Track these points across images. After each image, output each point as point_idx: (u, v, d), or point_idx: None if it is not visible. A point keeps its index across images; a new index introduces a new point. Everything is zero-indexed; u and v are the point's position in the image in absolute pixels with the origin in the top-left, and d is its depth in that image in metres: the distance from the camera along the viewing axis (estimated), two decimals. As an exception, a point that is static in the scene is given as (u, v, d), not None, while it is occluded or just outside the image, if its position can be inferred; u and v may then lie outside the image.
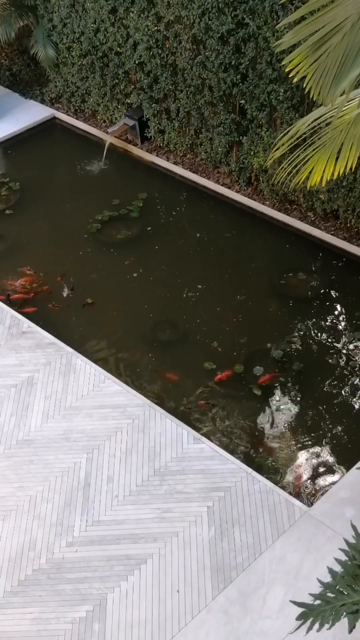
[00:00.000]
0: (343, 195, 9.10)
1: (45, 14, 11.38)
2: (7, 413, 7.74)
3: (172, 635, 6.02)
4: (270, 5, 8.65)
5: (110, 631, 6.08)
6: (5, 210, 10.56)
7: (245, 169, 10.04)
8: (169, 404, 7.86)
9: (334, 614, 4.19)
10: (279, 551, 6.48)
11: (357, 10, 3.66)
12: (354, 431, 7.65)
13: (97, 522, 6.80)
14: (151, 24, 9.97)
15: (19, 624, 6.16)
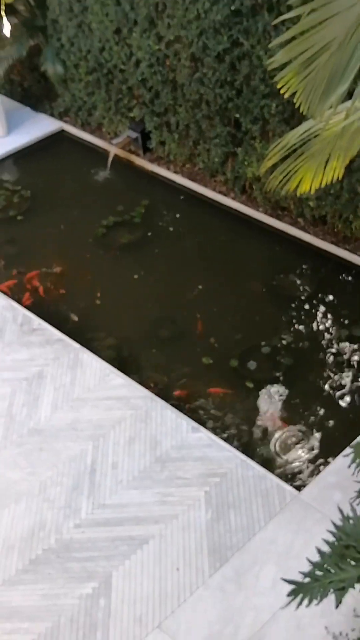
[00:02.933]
0: (330, 202, 9.11)
1: (54, 34, 11.38)
2: (19, 404, 7.74)
3: (172, 609, 6.04)
4: (263, 26, 8.66)
5: (115, 606, 6.10)
6: (17, 216, 10.57)
7: (240, 177, 10.04)
8: (170, 393, 7.85)
9: (322, 590, 4.20)
10: (271, 532, 6.49)
11: (344, 31, 3.66)
12: (340, 421, 7.66)
13: (103, 505, 6.81)
14: (153, 43, 9.97)
15: (30, 599, 6.18)
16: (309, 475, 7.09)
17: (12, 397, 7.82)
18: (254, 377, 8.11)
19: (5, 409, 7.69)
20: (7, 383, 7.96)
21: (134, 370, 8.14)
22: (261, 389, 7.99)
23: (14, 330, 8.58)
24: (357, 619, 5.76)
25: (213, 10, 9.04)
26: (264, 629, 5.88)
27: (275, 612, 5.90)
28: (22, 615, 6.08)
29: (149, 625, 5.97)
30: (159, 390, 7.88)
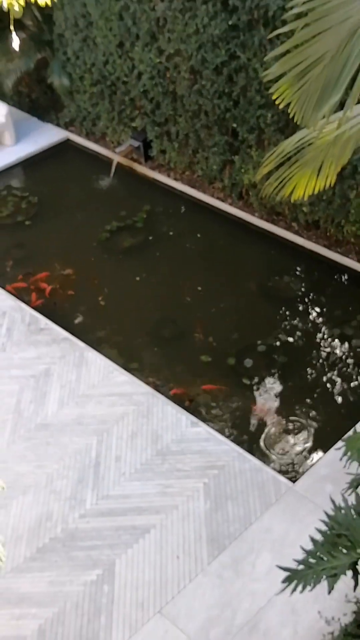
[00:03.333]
0: (323, 207, 9.11)
1: (60, 48, 11.38)
2: (27, 400, 7.75)
3: (172, 595, 6.04)
4: (259, 40, 8.66)
5: (118, 592, 6.11)
6: (25, 221, 10.57)
7: (237, 184, 10.05)
8: (171, 390, 7.86)
9: (315, 577, 4.20)
10: (267, 522, 6.50)
11: (336, 45, 3.66)
12: (332, 416, 7.67)
13: (107, 496, 6.82)
14: (154, 57, 9.98)
15: (38, 586, 6.19)
16: (303, 468, 7.10)
17: (20, 394, 7.82)
18: (250, 374, 8.11)
19: (13, 405, 7.70)
20: (15, 380, 7.96)
21: (137, 367, 8.14)
22: (257, 386, 8.00)
23: (22, 330, 8.59)
24: (348, 604, 5.77)
25: (211, 25, 9.04)
26: (260, 614, 5.89)
27: (270, 597, 5.91)
28: (30, 601, 6.09)
29: (151, 610, 5.97)
30: (160, 387, 7.88)
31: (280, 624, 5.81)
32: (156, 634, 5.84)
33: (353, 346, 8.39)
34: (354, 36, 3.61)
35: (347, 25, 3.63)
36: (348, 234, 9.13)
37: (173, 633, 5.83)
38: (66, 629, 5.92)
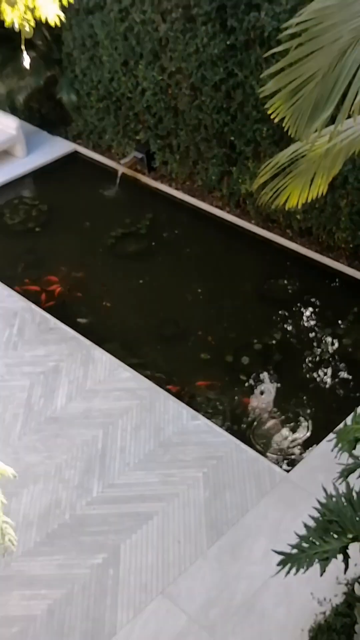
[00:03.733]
0: (316, 215, 9.12)
1: (68, 66, 11.40)
2: (38, 395, 7.75)
3: (174, 578, 6.05)
4: (256, 58, 8.68)
5: (123, 574, 6.11)
6: (35, 228, 10.58)
7: (234, 193, 10.05)
8: (172, 385, 7.86)
9: (308, 560, 4.21)
10: (263, 509, 6.50)
11: (327, 63, 3.67)
12: (324, 410, 7.67)
13: (112, 485, 6.82)
14: (156, 74, 9.99)
15: (48, 569, 6.20)
16: (297, 458, 7.10)
17: (31, 389, 7.83)
18: (247, 371, 8.12)
19: (24, 400, 7.71)
20: (26, 377, 7.97)
21: (140, 364, 8.14)
22: (253, 382, 8.01)
23: (32, 329, 8.59)
24: (339, 585, 5.77)
25: (210, 45, 9.05)
26: (256, 595, 5.89)
27: (266, 580, 5.91)
28: (40, 583, 6.10)
29: (153, 592, 5.98)
30: (162, 383, 7.89)
31: (275, 605, 5.82)
32: (159, 614, 5.84)
33: (343, 345, 8.40)
34: (344, 55, 3.62)
35: (337, 45, 3.65)
36: (339, 240, 9.14)
37: (174, 613, 5.84)
38: (74, 609, 5.93)
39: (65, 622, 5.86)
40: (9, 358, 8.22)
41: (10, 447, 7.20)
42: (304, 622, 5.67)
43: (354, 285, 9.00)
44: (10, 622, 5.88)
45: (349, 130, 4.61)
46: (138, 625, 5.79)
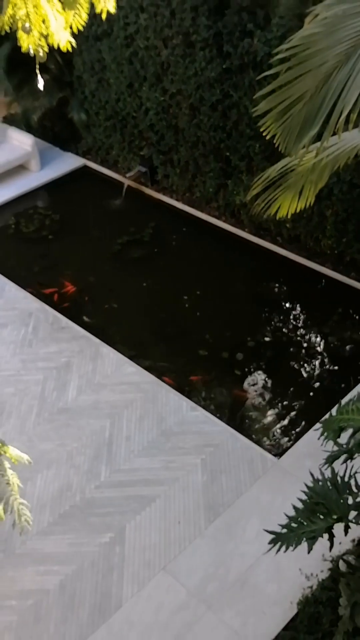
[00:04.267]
0: (303, 224, 9.12)
1: (79, 88, 11.39)
2: (50, 388, 7.75)
3: (174, 555, 6.05)
4: (249, 81, 8.67)
5: (128, 552, 6.12)
6: (49, 236, 10.58)
7: (230, 204, 10.05)
8: (173, 379, 7.86)
9: (297, 539, 4.21)
10: (255, 492, 6.50)
11: (314, 85, 3.67)
12: (311, 401, 7.67)
13: (118, 470, 6.82)
14: (159, 95, 9.98)
15: (59, 547, 6.20)
16: (286, 446, 7.10)
17: (44, 382, 7.83)
18: (242, 366, 8.11)
19: (39, 392, 7.71)
20: (40, 371, 7.97)
21: (144, 360, 8.14)
22: (247, 376, 8.00)
23: (46, 328, 8.60)
24: (325, 562, 5.78)
25: (208, 69, 9.05)
26: (250, 571, 5.89)
27: (258, 557, 5.91)
28: (53, 560, 6.10)
29: (156, 568, 5.98)
30: (165, 376, 7.88)
31: (266, 580, 5.82)
32: (160, 588, 5.85)
33: (329, 342, 8.39)
34: (330, 78, 3.62)
35: (323, 69, 3.64)
36: (325, 247, 9.14)
37: (175, 587, 5.84)
38: (83, 584, 5.93)
39: (75, 595, 5.86)
40: (24, 354, 8.22)
41: (26, 436, 7.20)
42: (293, 596, 5.67)
43: (338, 287, 9.00)
44: (26, 596, 5.89)
45: (334, 146, 4.61)
46: (142, 599, 5.79)
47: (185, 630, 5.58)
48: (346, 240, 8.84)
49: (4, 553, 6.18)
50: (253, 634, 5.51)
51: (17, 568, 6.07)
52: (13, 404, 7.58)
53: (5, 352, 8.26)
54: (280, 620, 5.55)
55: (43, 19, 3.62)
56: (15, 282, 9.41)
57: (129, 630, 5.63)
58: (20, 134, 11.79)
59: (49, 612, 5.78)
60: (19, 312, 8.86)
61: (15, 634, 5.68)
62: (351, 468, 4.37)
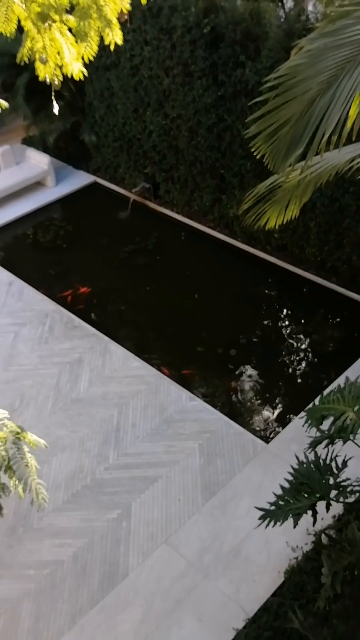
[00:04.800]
0: (290, 234, 9.11)
1: (89, 112, 11.38)
2: (64, 380, 7.75)
3: (175, 529, 6.05)
4: (241, 106, 8.67)
5: (133, 527, 6.12)
6: (63, 245, 10.57)
7: (224, 216, 10.05)
8: (174, 373, 7.86)
9: (284, 515, 4.21)
10: (247, 473, 6.50)
11: (299, 110, 3.66)
12: (297, 391, 7.67)
13: (125, 454, 6.82)
14: (161, 119, 9.97)
15: (73, 522, 6.20)
16: (274, 432, 7.10)
17: (59, 376, 7.83)
18: (235, 361, 8.11)
19: (54, 385, 7.71)
20: (56, 366, 7.97)
21: (148, 356, 8.15)
22: (239, 370, 8.00)
23: (60, 327, 8.60)
24: (309, 536, 5.78)
25: (205, 95, 9.04)
26: (242, 543, 5.89)
27: (249, 531, 5.91)
28: (67, 534, 6.10)
29: (158, 541, 5.99)
30: (166, 370, 7.88)
31: (257, 551, 5.82)
32: (162, 559, 5.85)
33: (313, 339, 8.39)
34: (313, 104, 3.62)
35: (307, 96, 3.64)
36: (309, 254, 9.13)
37: (175, 558, 5.84)
38: (94, 555, 5.94)
39: (87, 565, 5.86)
40: (41, 351, 8.22)
41: (43, 423, 7.20)
42: (280, 566, 5.68)
43: (320, 291, 9.00)
44: (43, 566, 5.89)
45: (317, 165, 4.61)
46: (146, 568, 5.79)
47: (184, 596, 5.58)
48: (328, 248, 8.84)
49: (23, 528, 6.19)
50: (245, 599, 5.51)
51: (35, 541, 6.07)
52: (31, 395, 7.59)
53: (25, 349, 8.26)
54: (269, 588, 5.55)
55: (58, 51, 3.62)
56: (33, 286, 9.41)
57: (134, 596, 5.63)
58: (37, 154, 11.79)
59: (63, 580, 5.78)
60: (37, 313, 8.86)
61: (34, 599, 5.68)
62: (332, 452, 4.37)
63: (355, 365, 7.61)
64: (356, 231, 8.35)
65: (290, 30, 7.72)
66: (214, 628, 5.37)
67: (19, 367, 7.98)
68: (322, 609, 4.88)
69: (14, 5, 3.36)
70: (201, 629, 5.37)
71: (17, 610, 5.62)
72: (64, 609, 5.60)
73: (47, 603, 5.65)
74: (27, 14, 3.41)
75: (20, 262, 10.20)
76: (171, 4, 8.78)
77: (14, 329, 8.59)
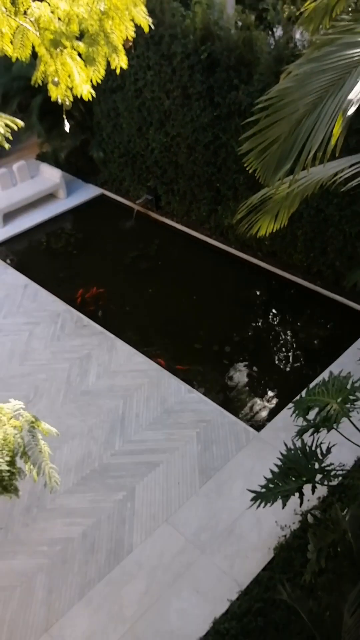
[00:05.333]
0: (279, 242, 9.11)
1: (97, 131, 11.37)
2: (75, 374, 7.75)
3: (175, 510, 6.04)
4: (235, 125, 8.66)
5: (137, 507, 6.11)
6: (73, 251, 10.56)
7: (219, 225, 10.04)
8: (174, 367, 7.85)
9: (274, 497, 4.20)
10: (240, 459, 6.50)
11: (287, 129, 3.65)
12: (285, 384, 7.66)
13: (129, 441, 6.82)
14: (162, 137, 9.96)
15: (82, 503, 6.19)
16: (265, 421, 7.10)
17: (70, 370, 7.82)
18: (229, 357, 8.11)
19: (65, 378, 7.70)
20: (67, 361, 7.97)
21: (150, 352, 8.14)
22: (234, 365, 7.99)
23: (71, 326, 8.59)
24: (296, 515, 5.77)
25: (202, 116, 9.03)
26: (235, 522, 5.89)
27: (242, 511, 5.91)
28: (77, 514, 6.10)
29: (160, 520, 5.98)
30: (166, 365, 7.88)
31: (249, 530, 5.81)
32: (163, 536, 5.84)
33: (300, 337, 8.38)
34: (300, 124, 3.60)
35: (295, 116, 3.63)
36: (296, 260, 9.12)
37: (175, 536, 5.83)
38: (101, 532, 5.93)
39: (95, 542, 5.86)
40: (54, 347, 8.21)
41: (55, 413, 7.20)
42: (270, 543, 5.67)
43: (307, 293, 8.98)
44: (55, 543, 5.89)
45: (304, 178, 4.60)
46: (148, 545, 5.79)
47: (183, 570, 5.58)
48: (313, 255, 8.83)
49: (37, 508, 6.18)
50: (238, 573, 5.51)
51: (48, 520, 6.06)
52: (45, 388, 7.58)
53: (39, 345, 8.25)
54: (260, 563, 5.55)
55: (69, 74, 3.61)
56: (46, 288, 9.40)
57: (138, 570, 5.63)
58: (50, 168, 11.78)
59: (73, 555, 5.77)
60: (49, 313, 8.85)
61: (47, 573, 5.68)
62: (317, 439, 4.36)
63: (338, 360, 7.60)
64: (339, 239, 8.34)
65: (279, 56, 7.71)
66: (210, 599, 5.36)
67: (33, 362, 7.97)
68: (308, 582, 4.87)
69: (28, 33, 3.35)
70: (198, 599, 5.37)
71: (32, 583, 5.61)
72: (74, 581, 5.60)
73: (59, 576, 5.64)
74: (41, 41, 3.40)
75: (35, 266, 10.19)
76: (172, 32, 8.77)
77: (28, 328, 8.58)
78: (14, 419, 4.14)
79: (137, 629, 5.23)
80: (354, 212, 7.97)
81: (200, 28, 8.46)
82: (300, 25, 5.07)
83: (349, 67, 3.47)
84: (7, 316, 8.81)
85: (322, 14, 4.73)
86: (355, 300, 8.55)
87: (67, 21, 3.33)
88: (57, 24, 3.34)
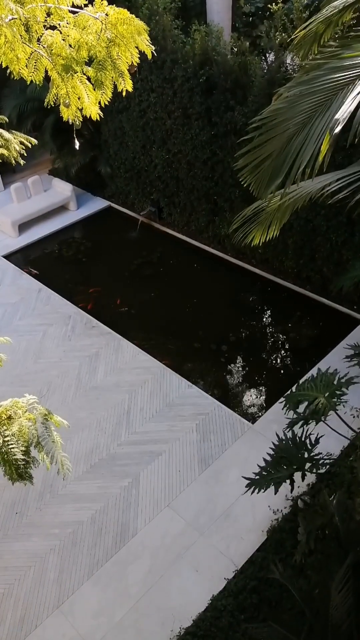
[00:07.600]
0: (271, 250, 9.10)
1: (105, 148, 11.37)
2: (84, 371, 7.74)
3: (176, 495, 6.04)
4: (231, 143, 8.67)
5: (142, 493, 6.11)
6: (82, 259, 10.56)
7: (217, 235, 10.03)
8: (175, 365, 7.84)
9: (267, 483, 4.20)
10: (236, 448, 6.49)
11: (279, 147, 3.65)
12: (277, 380, 7.65)
13: (134, 432, 6.81)
14: (164, 154, 9.97)
15: (91, 489, 6.19)
16: (258, 414, 7.09)
17: (80, 367, 7.82)
18: (226, 355, 8.10)
19: (76, 375, 7.70)
20: (77, 359, 7.96)
21: (153, 351, 8.13)
22: (230, 362, 7.98)
23: (81, 327, 8.59)
24: (287, 501, 5.76)
25: (201, 134, 9.03)
26: (232, 507, 5.88)
27: (238, 497, 5.90)
28: (86, 499, 6.09)
29: (162, 505, 5.97)
30: (168, 363, 7.87)
31: (244, 514, 5.80)
32: (165, 520, 5.83)
33: (290, 337, 8.37)
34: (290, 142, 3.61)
35: (285, 135, 3.63)
36: (287, 267, 9.12)
37: (176, 519, 5.82)
38: (108, 516, 5.92)
39: (102, 525, 5.85)
40: (65, 347, 8.21)
41: (66, 407, 7.19)
42: (264, 526, 5.66)
43: (296, 297, 8.98)
44: (66, 526, 5.88)
45: (294, 192, 4.60)
46: (151, 528, 5.78)
47: (184, 551, 5.57)
48: (303, 262, 8.83)
49: (50, 494, 6.17)
50: (234, 554, 5.50)
51: (60, 505, 6.06)
52: (57, 383, 7.57)
53: (51, 345, 8.25)
54: (254, 544, 5.54)
55: (79, 97, 3.61)
56: (58, 292, 9.40)
57: (142, 551, 5.62)
58: (62, 182, 11.78)
59: (83, 538, 5.76)
60: (61, 315, 8.85)
61: (58, 554, 5.67)
62: (306, 431, 4.36)
63: (326, 358, 7.59)
64: (326, 247, 8.34)
65: (272, 79, 7.72)
66: (208, 578, 5.35)
67: (46, 360, 7.97)
68: (298, 562, 4.87)
69: (42, 58, 3.35)
70: (197, 578, 5.36)
71: (45, 563, 5.61)
72: (83, 562, 5.59)
73: (69, 557, 5.63)
74: (53, 66, 3.41)
75: (48, 272, 10.19)
76: (173, 57, 8.78)
77: (42, 329, 8.58)
78: (28, 412, 4.13)
79: (141, 605, 5.22)
80: (339, 223, 7.97)
81: (199, 54, 8.47)
82: (291, 51, 5.09)
83: (336, 89, 3.47)
84: (23, 318, 8.82)
85: (311, 41, 4.74)
86: (341, 303, 8.55)
87: (77, 48, 3.33)
88: (68, 51, 3.34)
